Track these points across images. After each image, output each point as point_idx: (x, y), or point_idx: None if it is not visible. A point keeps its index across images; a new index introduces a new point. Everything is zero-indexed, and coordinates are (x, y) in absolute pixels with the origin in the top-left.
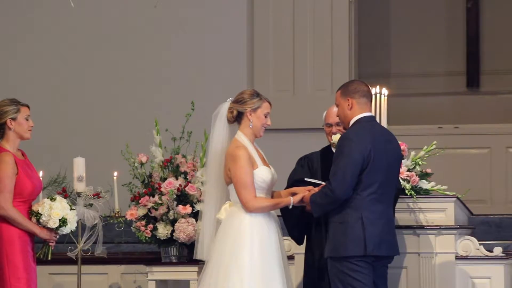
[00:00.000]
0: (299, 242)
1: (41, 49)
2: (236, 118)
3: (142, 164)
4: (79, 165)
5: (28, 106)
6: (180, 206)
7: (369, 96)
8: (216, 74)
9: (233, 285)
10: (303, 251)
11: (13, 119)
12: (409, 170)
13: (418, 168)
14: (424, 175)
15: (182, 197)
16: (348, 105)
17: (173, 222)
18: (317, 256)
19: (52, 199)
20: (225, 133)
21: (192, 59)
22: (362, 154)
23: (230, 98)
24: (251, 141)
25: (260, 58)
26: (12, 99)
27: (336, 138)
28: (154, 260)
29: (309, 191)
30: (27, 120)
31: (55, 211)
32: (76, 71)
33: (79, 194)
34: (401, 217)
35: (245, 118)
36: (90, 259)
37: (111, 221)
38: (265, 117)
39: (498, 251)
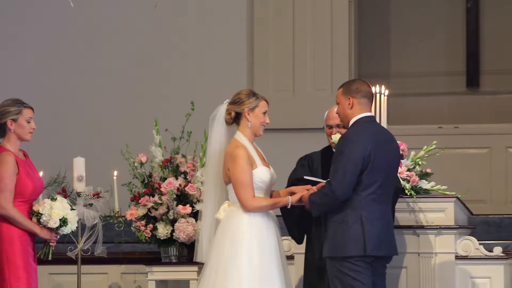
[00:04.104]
0: (299, 242)
1: (41, 49)
2: (234, 120)
3: (142, 164)
4: (79, 165)
5: (32, 108)
6: (180, 206)
7: (370, 96)
8: (216, 74)
9: (232, 285)
10: (303, 251)
11: (14, 120)
12: (409, 170)
13: (418, 168)
14: (424, 175)
15: (182, 197)
16: (349, 104)
17: (173, 222)
18: (316, 256)
19: (53, 199)
20: (224, 134)
21: (192, 59)
22: (362, 155)
23: (227, 100)
24: (250, 141)
25: (260, 58)
26: (16, 100)
27: (336, 138)
28: (154, 260)
29: (307, 190)
30: (28, 122)
31: (55, 211)
32: (76, 71)
33: (79, 194)
34: (401, 217)
35: (243, 118)
36: (90, 259)
37: (111, 221)
38: (264, 115)
39: (498, 251)
